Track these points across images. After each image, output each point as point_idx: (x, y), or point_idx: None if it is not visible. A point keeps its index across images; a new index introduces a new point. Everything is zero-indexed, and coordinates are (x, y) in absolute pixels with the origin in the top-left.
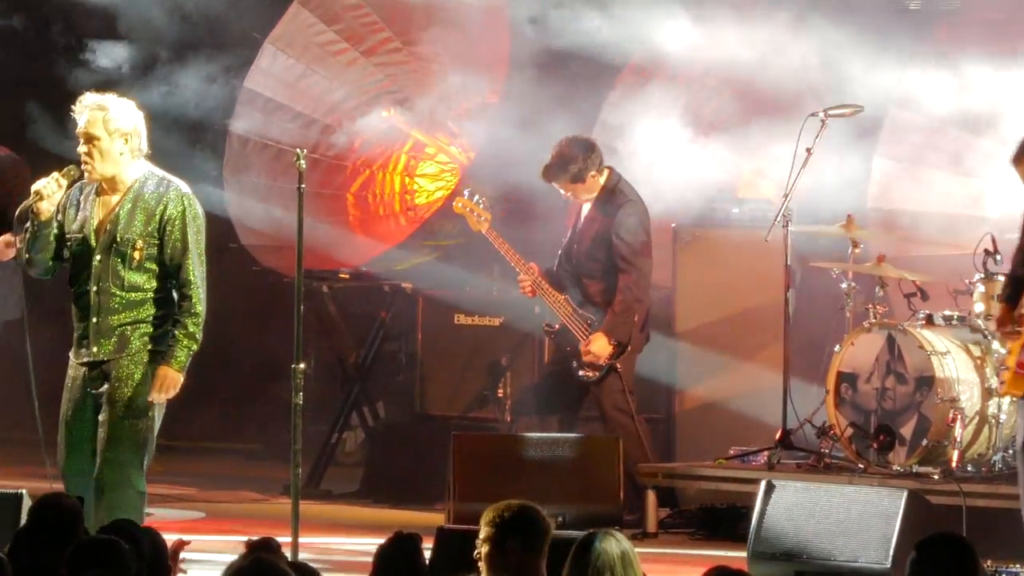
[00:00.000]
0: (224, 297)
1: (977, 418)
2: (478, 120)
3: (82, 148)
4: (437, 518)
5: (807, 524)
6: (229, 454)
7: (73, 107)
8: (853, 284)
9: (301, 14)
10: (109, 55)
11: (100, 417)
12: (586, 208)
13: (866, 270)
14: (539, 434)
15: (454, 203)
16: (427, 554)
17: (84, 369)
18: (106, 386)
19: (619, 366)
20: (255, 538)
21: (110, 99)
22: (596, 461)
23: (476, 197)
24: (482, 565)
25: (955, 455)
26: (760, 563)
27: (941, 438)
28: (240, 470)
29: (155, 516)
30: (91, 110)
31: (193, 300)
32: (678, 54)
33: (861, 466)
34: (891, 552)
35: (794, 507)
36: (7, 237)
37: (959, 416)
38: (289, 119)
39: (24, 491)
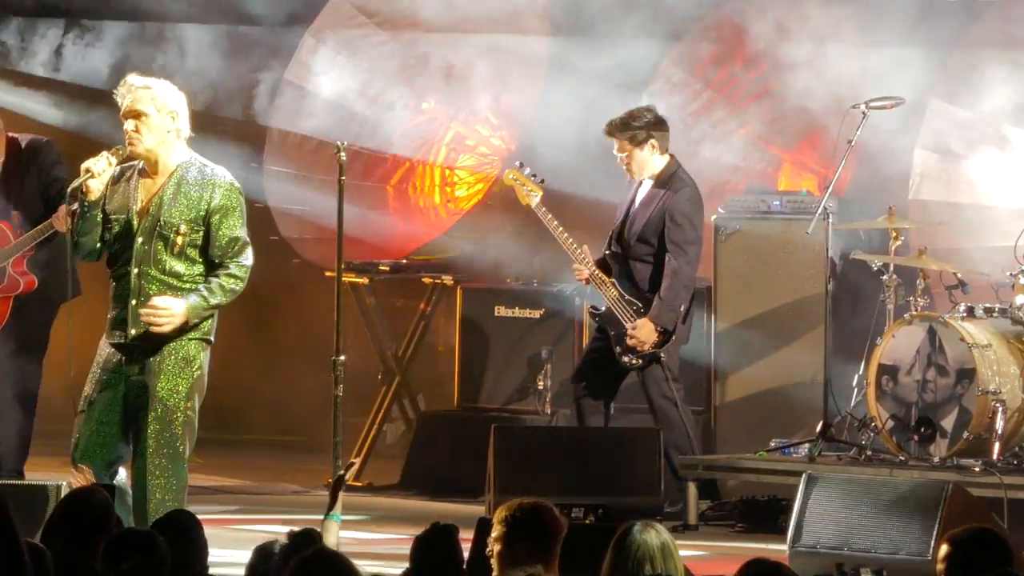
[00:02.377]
0: (265, 289)
1: (1018, 410)
2: (519, 111)
3: (128, 125)
4: (478, 510)
5: (848, 517)
6: (271, 447)
7: (115, 90)
8: (894, 276)
9: (342, 6)
10: None
11: (141, 410)
12: (642, 191)
13: (907, 262)
14: (579, 426)
15: (504, 173)
16: (467, 545)
17: (119, 354)
18: (144, 374)
19: (663, 354)
20: (296, 529)
21: (155, 80)
22: (636, 453)
23: (527, 169)
24: (493, 563)
25: (996, 447)
26: (801, 556)
27: (982, 430)
28: (282, 462)
29: (191, 509)
30: (138, 89)
31: (242, 263)
32: (721, 41)
33: (902, 458)
34: (932, 545)
35: (835, 500)
36: (66, 207)
37: (1000, 408)
38: (329, 111)
39: (65, 483)
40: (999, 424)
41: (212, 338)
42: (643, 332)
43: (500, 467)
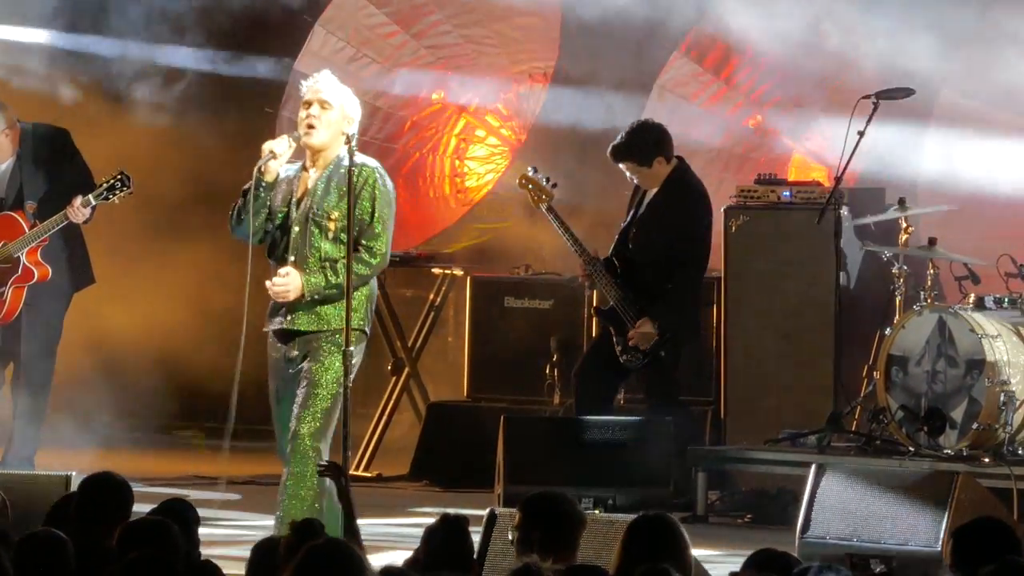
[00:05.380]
0: None
1: None
2: (529, 102)
3: (313, 110)
4: (488, 500)
5: (857, 507)
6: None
7: (304, 80)
8: (904, 267)
9: None
10: None
11: (298, 393)
12: (650, 194)
13: (917, 253)
14: (589, 417)
15: (518, 179)
16: (476, 537)
17: (283, 347)
18: (305, 363)
19: (663, 354)
20: (299, 519)
21: (344, 86)
22: (646, 443)
23: (540, 174)
24: (514, 549)
25: (1006, 438)
26: (810, 546)
27: (992, 421)
28: None
29: (192, 497)
30: (332, 84)
31: (374, 250)
32: (731, 32)
33: (912, 449)
34: (941, 536)
35: (844, 490)
36: (82, 198)
37: (1010, 399)
38: None
39: (75, 472)
40: (1009, 415)
41: (367, 330)
42: (644, 330)
43: (510, 458)
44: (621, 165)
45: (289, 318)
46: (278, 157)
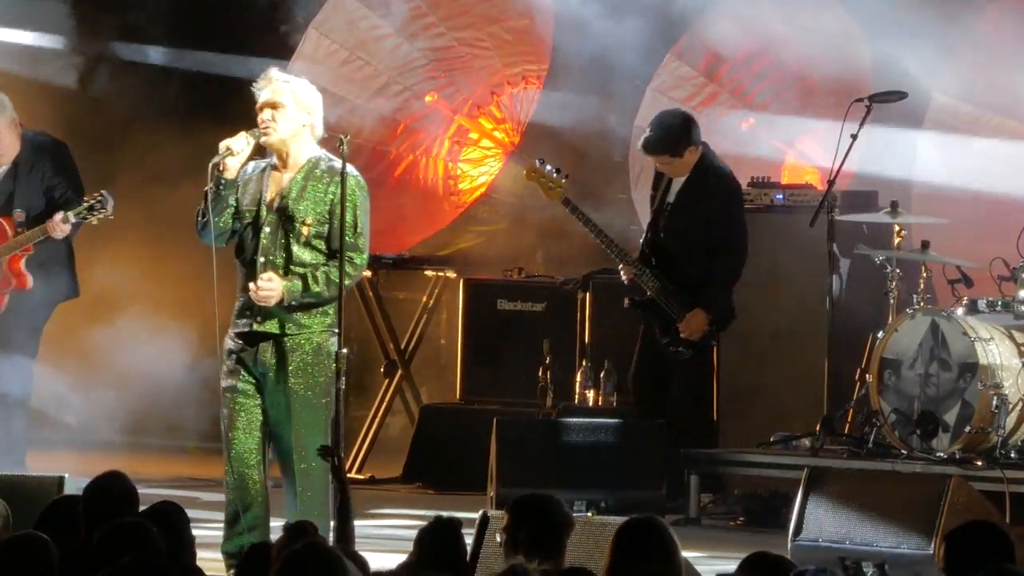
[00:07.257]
0: None
1: (1021, 404)
2: (523, 104)
3: (265, 114)
4: (480, 503)
5: (850, 510)
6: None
7: (255, 83)
8: (897, 270)
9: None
10: None
11: (278, 399)
12: (677, 183)
13: (910, 256)
14: (581, 419)
15: (525, 171)
16: (468, 539)
17: (247, 345)
18: (278, 370)
19: (713, 343)
20: (291, 522)
21: (295, 77)
22: (638, 446)
23: (548, 166)
24: (503, 551)
25: (998, 441)
26: (803, 550)
27: (985, 425)
28: None
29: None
30: (278, 82)
31: (355, 261)
32: (724, 36)
33: (904, 452)
34: (934, 538)
35: (837, 493)
36: (62, 214)
37: (1003, 402)
38: (332, 105)
39: (67, 475)
40: (1002, 418)
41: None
42: (695, 321)
43: (502, 460)
44: (651, 158)
45: (259, 319)
46: (235, 155)
